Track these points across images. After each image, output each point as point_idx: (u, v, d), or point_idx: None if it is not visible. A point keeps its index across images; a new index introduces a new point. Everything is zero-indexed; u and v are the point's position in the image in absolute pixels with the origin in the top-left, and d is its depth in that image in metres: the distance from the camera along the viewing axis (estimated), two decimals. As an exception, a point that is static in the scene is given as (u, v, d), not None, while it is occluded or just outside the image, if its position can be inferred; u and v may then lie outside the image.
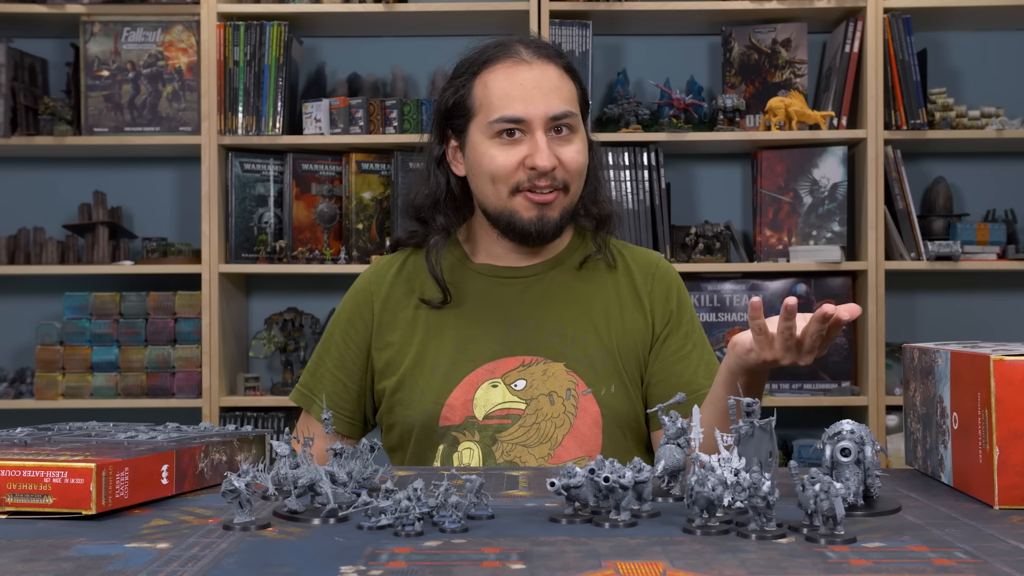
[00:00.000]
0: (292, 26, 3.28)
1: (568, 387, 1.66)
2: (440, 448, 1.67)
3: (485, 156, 1.64)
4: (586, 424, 1.66)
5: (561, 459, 1.64)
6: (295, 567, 0.90)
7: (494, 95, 1.64)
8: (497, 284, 1.72)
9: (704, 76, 3.45)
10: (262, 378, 3.34)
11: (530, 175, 1.62)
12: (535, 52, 1.66)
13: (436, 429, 1.66)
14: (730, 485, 0.99)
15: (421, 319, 1.72)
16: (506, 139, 1.63)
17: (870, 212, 3.14)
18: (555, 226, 1.66)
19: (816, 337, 1.31)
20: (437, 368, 1.68)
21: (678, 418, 1.18)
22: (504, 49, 1.66)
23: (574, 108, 1.65)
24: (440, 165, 1.72)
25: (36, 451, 1.15)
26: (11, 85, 3.22)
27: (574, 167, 1.65)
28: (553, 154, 1.62)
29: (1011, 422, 1.11)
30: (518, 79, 1.63)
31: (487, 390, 1.66)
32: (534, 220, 1.65)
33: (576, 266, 1.74)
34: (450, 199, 1.73)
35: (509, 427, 1.65)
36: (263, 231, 3.29)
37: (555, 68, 1.66)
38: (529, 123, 1.62)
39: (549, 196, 1.64)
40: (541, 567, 0.90)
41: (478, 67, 1.67)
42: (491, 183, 1.65)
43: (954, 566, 0.90)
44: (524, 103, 1.62)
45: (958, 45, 3.46)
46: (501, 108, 1.63)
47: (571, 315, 1.70)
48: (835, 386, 3.23)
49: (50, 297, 3.41)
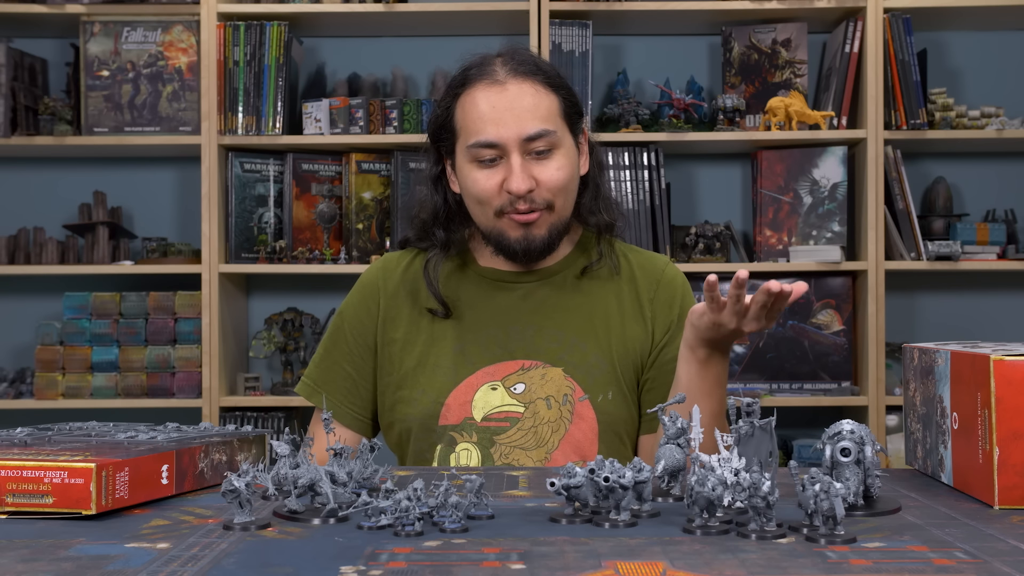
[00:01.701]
0: (292, 26, 3.28)
1: (565, 392, 1.66)
2: (438, 448, 1.67)
3: (468, 179, 1.65)
4: (581, 430, 1.66)
5: (556, 463, 1.65)
6: (295, 567, 0.90)
7: (470, 119, 1.64)
8: (500, 289, 1.73)
9: (704, 76, 3.45)
10: (262, 378, 3.34)
11: (510, 198, 1.62)
12: (512, 70, 1.64)
13: (435, 428, 1.67)
14: (730, 485, 0.99)
15: (425, 319, 1.72)
16: (486, 163, 1.63)
17: (870, 212, 3.14)
18: (543, 243, 1.67)
19: (759, 307, 1.43)
20: (438, 368, 1.69)
21: (678, 418, 1.18)
22: (481, 69, 1.66)
23: (551, 125, 1.63)
24: (438, 183, 1.73)
25: (36, 451, 1.15)
26: (11, 85, 3.22)
27: (554, 184, 1.63)
28: (529, 176, 1.61)
29: (1011, 422, 1.11)
30: (491, 102, 1.62)
31: (486, 392, 1.67)
32: (520, 240, 1.65)
33: (578, 273, 1.73)
34: (447, 215, 1.73)
35: (507, 430, 1.65)
36: (263, 231, 3.30)
37: (531, 85, 1.63)
38: (503, 146, 1.61)
39: (531, 216, 1.64)
40: (541, 567, 0.90)
41: (458, 88, 1.67)
42: (478, 205, 1.66)
43: (954, 566, 0.90)
44: (496, 126, 1.61)
45: (958, 45, 3.46)
46: (476, 133, 1.63)
47: (571, 321, 1.70)
48: (835, 386, 3.23)
49: (50, 297, 3.41)
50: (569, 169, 1.65)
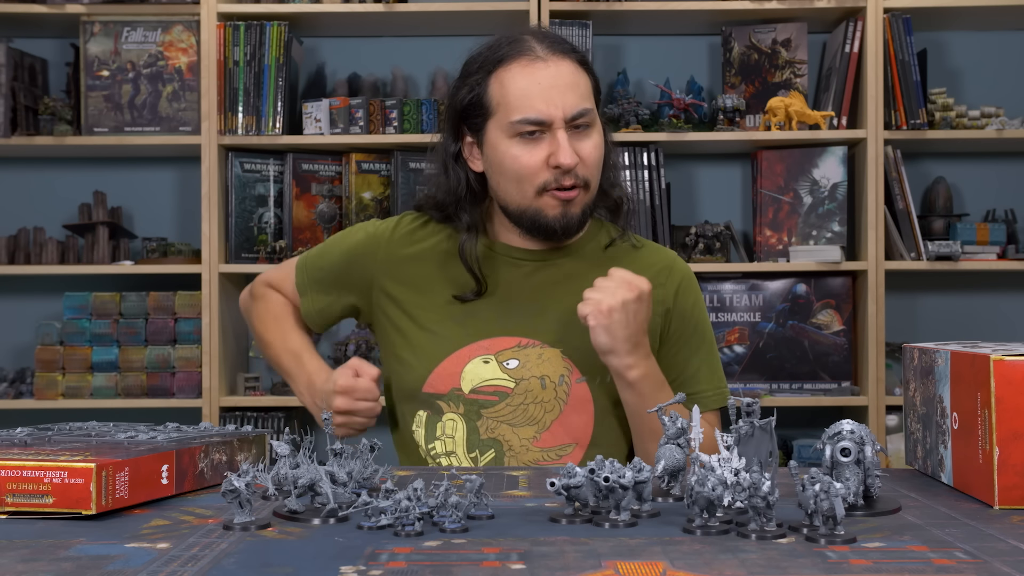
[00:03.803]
0: (292, 26, 3.28)
1: (562, 373, 1.67)
2: (423, 415, 1.69)
3: (507, 156, 1.64)
4: (576, 412, 1.67)
5: (547, 443, 1.66)
6: (295, 567, 0.90)
7: (512, 95, 1.62)
8: (506, 263, 1.72)
9: (704, 76, 3.45)
10: (262, 378, 3.33)
11: (555, 174, 1.62)
12: (549, 48, 1.64)
13: (418, 395, 1.69)
14: (730, 485, 0.99)
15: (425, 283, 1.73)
16: (527, 139, 1.63)
17: (870, 212, 3.14)
18: (578, 222, 1.67)
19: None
20: (433, 336, 1.70)
21: (678, 418, 1.18)
22: (518, 46, 1.65)
23: (590, 103, 1.65)
24: (457, 161, 1.72)
25: (36, 451, 1.15)
26: (11, 85, 3.22)
27: (593, 162, 1.65)
28: (574, 151, 1.62)
29: (1011, 422, 1.11)
30: (535, 78, 1.62)
31: (478, 365, 1.67)
32: (559, 218, 1.65)
33: (587, 254, 1.74)
34: (470, 195, 1.72)
35: (496, 404, 1.66)
36: (263, 231, 3.29)
37: (570, 63, 1.65)
38: (549, 123, 1.61)
39: (573, 193, 1.64)
40: (541, 567, 0.90)
41: (492, 65, 1.65)
42: (516, 183, 1.64)
43: (954, 566, 0.90)
44: (545, 103, 1.61)
45: (958, 45, 3.46)
46: (521, 109, 1.62)
47: (573, 303, 1.69)
48: (835, 386, 3.23)
49: (50, 297, 3.41)
50: (602, 148, 1.67)
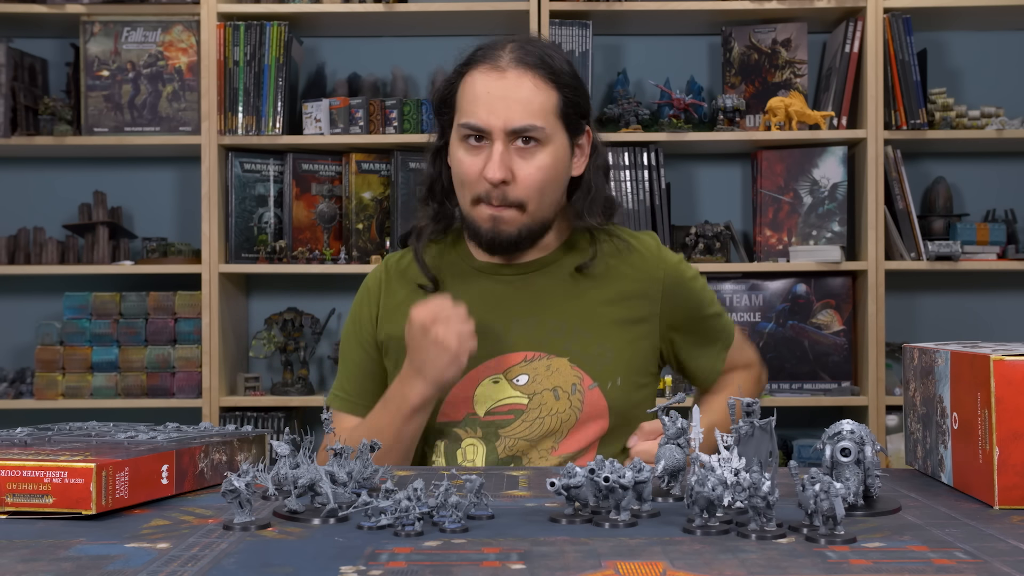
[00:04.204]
0: (292, 26, 3.28)
1: (573, 382, 1.66)
2: (441, 445, 1.68)
3: (455, 158, 1.66)
4: (592, 418, 1.66)
5: (566, 451, 1.65)
6: (295, 567, 0.90)
7: (466, 98, 1.64)
8: (497, 282, 1.72)
9: (704, 76, 3.45)
10: (262, 378, 3.34)
11: (486, 187, 1.61)
12: (516, 59, 1.62)
13: (433, 426, 1.67)
14: (730, 485, 0.99)
15: None
16: (472, 144, 1.62)
17: (870, 212, 3.14)
18: (509, 241, 1.66)
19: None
20: None
21: (678, 418, 1.18)
22: (490, 52, 1.65)
23: (541, 121, 1.61)
24: (437, 155, 1.73)
25: (36, 451, 1.15)
26: (11, 85, 3.22)
27: (530, 183, 1.61)
28: (507, 167, 1.59)
29: (1011, 422, 1.11)
30: (488, 86, 1.61)
31: (488, 386, 1.66)
32: (489, 231, 1.65)
33: (571, 268, 1.72)
34: (441, 188, 1.73)
35: (512, 422, 1.65)
36: (263, 231, 3.29)
37: (532, 78, 1.61)
38: (489, 133, 1.61)
39: (501, 211, 1.62)
40: (541, 567, 0.90)
41: (464, 66, 1.67)
42: (459, 187, 1.67)
43: (954, 566, 0.90)
44: (487, 112, 1.60)
45: (958, 45, 3.46)
46: (467, 113, 1.62)
47: (573, 309, 1.69)
48: (835, 386, 3.23)
49: (50, 297, 3.41)
50: (551, 170, 1.63)
